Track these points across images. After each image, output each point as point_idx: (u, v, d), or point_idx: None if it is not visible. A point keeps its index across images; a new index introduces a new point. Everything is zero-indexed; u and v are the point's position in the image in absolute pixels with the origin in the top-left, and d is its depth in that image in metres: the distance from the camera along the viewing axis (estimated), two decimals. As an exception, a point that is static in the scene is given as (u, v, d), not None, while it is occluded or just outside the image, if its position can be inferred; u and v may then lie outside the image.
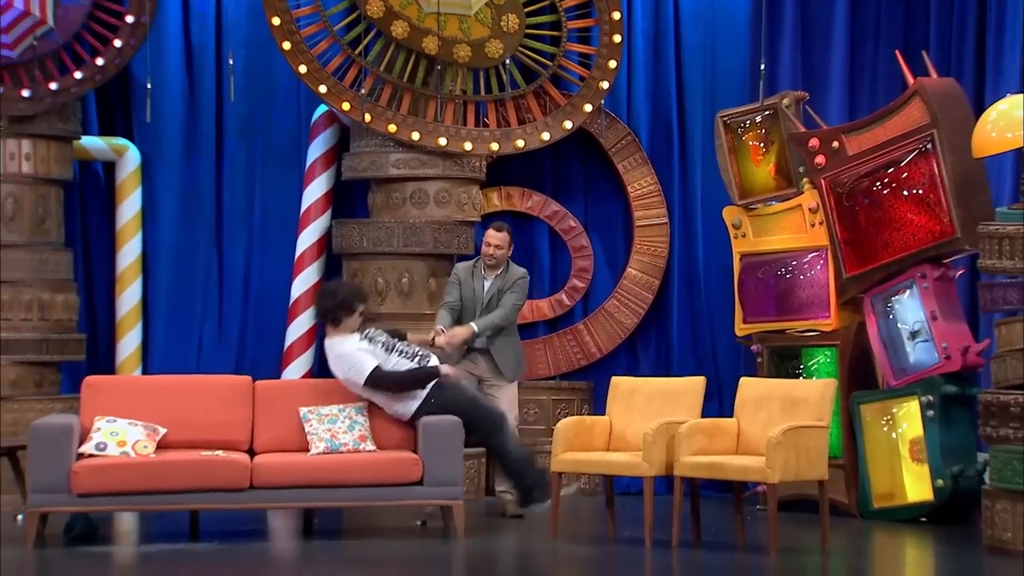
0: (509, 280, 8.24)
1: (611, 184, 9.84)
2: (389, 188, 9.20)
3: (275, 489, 7.24)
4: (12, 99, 8.69)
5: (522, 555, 7.06)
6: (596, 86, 9.32)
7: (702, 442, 7.09)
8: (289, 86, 9.65)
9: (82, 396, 7.61)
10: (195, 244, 9.65)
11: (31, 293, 8.79)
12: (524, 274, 8.30)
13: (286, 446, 7.53)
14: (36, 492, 7.06)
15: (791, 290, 8.56)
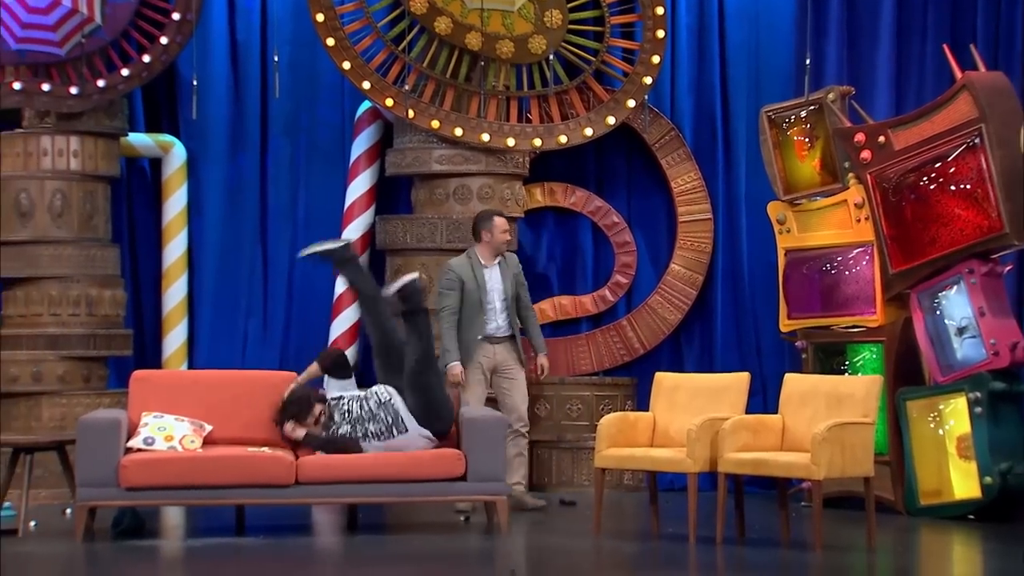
0: (513, 268, 8.34)
1: (654, 180, 9.82)
2: (432, 184, 9.22)
3: (320, 485, 7.28)
4: (60, 96, 8.78)
5: (565, 551, 7.05)
6: (639, 81, 9.30)
7: (746, 438, 7.06)
8: (333, 82, 9.69)
9: (130, 391, 7.68)
10: (240, 240, 9.71)
11: (79, 289, 8.87)
12: (517, 258, 8.47)
13: None
14: (84, 486, 7.13)
15: (836, 286, 8.52)
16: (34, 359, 8.74)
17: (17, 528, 7.31)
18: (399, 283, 7.62)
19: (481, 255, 8.26)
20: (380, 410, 7.41)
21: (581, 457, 9.25)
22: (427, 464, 7.32)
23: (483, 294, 8.16)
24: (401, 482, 7.29)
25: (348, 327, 9.51)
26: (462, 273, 8.20)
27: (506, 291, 8.26)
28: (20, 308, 8.86)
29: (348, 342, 9.50)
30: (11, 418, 8.73)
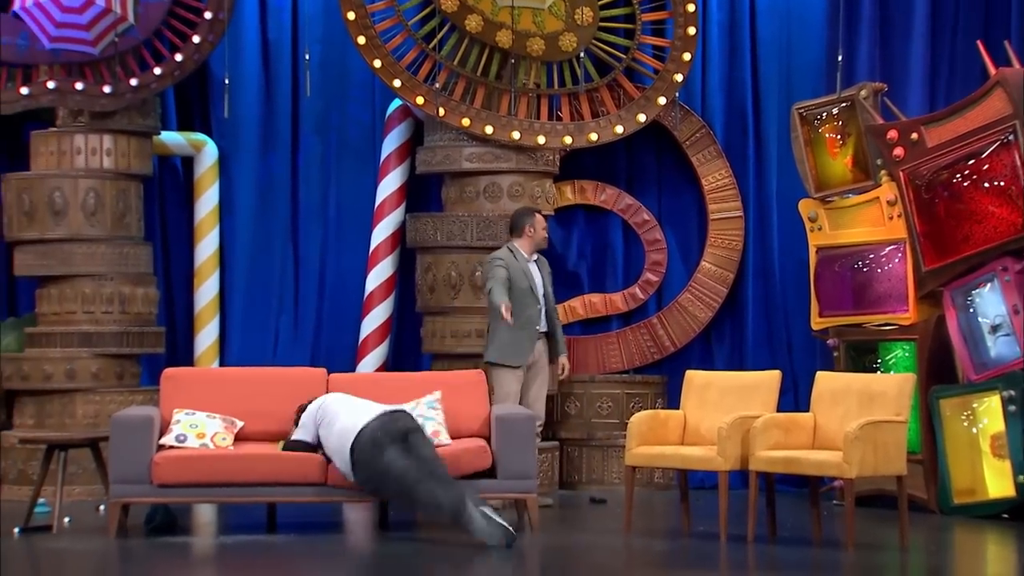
0: (546, 267, 8.46)
1: (685, 177, 9.79)
2: (463, 182, 9.22)
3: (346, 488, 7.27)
4: (93, 95, 8.83)
5: (596, 549, 7.05)
6: (670, 79, 9.28)
7: (778, 436, 7.04)
8: (364, 81, 9.71)
9: (161, 388, 7.72)
10: (271, 238, 9.75)
11: (112, 287, 8.92)
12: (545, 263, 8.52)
13: None
14: (117, 483, 7.17)
15: (868, 283, 8.47)
16: (68, 356, 8.80)
17: (52, 524, 7.36)
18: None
19: (522, 249, 8.31)
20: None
21: (611, 455, 9.25)
22: (455, 459, 7.32)
23: (529, 286, 8.21)
24: None
25: (379, 324, 9.53)
26: (508, 262, 8.28)
27: (544, 287, 8.38)
28: (54, 306, 8.92)
29: (379, 339, 9.52)
30: (45, 415, 8.80)
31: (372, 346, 9.53)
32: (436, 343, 9.17)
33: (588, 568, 6.65)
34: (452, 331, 9.10)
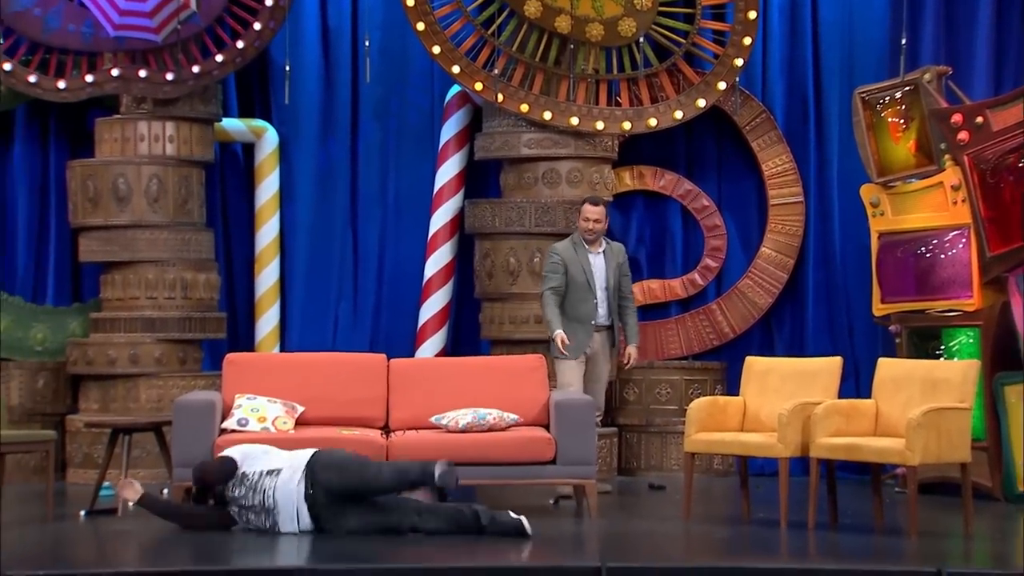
0: (618, 256, 8.19)
1: (745, 162, 9.74)
2: (521, 168, 9.22)
3: None
4: (156, 82, 8.91)
5: (655, 535, 7.03)
6: (730, 63, 9.22)
7: (839, 423, 6.98)
8: (423, 67, 9.73)
9: (224, 373, 7.79)
10: (331, 224, 9.80)
11: (174, 272, 9.01)
12: (623, 248, 8.34)
13: (420, 424, 7.61)
14: (180, 466, 7.24)
15: (932, 269, 8.38)
16: (131, 342, 8.90)
17: (116, 507, 7.46)
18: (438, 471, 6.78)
19: (583, 239, 8.18)
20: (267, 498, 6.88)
21: (670, 441, 9.23)
22: (518, 447, 7.34)
23: (587, 279, 8.07)
24: (491, 464, 7.31)
25: (438, 310, 9.56)
26: (566, 256, 8.11)
27: (607, 280, 8.14)
28: (118, 291, 9.03)
29: (438, 325, 9.55)
30: (109, 399, 8.91)
31: (431, 332, 9.56)
32: (495, 329, 9.18)
33: (648, 555, 6.63)
34: (511, 317, 9.11)
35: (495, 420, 7.42)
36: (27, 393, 9.04)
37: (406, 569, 5.78)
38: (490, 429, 7.41)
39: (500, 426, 7.43)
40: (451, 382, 7.76)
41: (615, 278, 8.17)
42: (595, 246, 8.17)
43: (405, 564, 5.85)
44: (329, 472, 6.64)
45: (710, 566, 6.08)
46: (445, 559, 6.01)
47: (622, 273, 8.22)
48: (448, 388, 7.72)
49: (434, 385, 7.75)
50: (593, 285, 8.10)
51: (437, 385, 7.75)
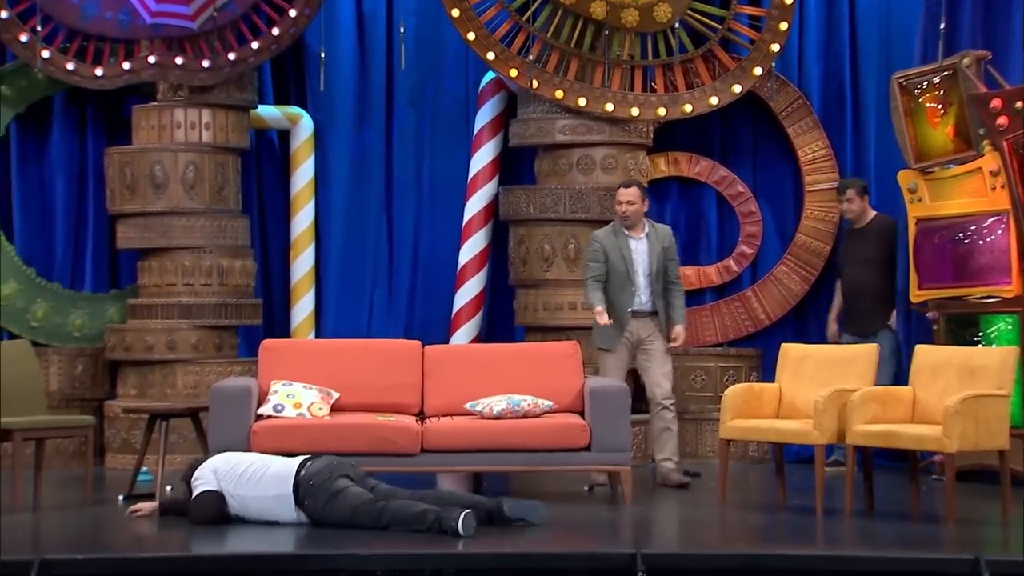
0: (663, 240, 8.00)
1: (781, 148, 9.69)
2: (556, 154, 9.21)
3: (445, 453, 7.31)
4: (193, 70, 8.95)
5: (690, 522, 7.03)
6: (766, 49, 9.17)
7: (875, 410, 6.95)
8: (457, 53, 9.73)
9: (260, 359, 7.82)
10: (366, 211, 9.82)
11: (211, 259, 9.06)
12: (670, 232, 8.17)
13: (454, 410, 7.63)
14: (217, 451, 7.26)
15: (970, 255, 8.32)
16: (168, 328, 8.96)
17: (154, 492, 7.51)
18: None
19: (621, 224, 8.03)
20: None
21: (705, 428, 9.22)
22: (552, 434, 7.34)
23: (628, 266, 7.93)
24: (525, 451, 7.32)
25: (472, 297, 9.58)
26: (606, 244, 7.98)
27: (650, 265, 7.95)
28: (155, 278, 9.08)
29: (472, 312, 9.57)
30: (147, 385, 8.97)
31: (465, 318, 9.57)
32: (529, 316, 9.19)
33: (683, 541, 6.64)
34: (545, 304, 9.11)
35: (529, 407, 7.43)
36: (66, 379, 9.12)
37: (437, 555, 5.79)
38: (524, 416, 7.41)
39: (534, 412, 7.44)
40: (486, 369, 7.76)
41: (659, 263, 7.96)
42: (636, 231, 7.97)
43: (436, 551, 5.87)
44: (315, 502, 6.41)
45: (745, 553, 6.07)
46: (478, 546, 6.02)
47: (668, 257, 7.95)
48: (483, 375, 7.73)
49: (469, 372, 7.75)
50: (633, 272, 7.95)
51: (472, 372, 7.75)
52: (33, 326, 9.25)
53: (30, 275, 9.32)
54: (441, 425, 7.44)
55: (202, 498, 6.57)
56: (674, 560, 5.79)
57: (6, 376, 7.31)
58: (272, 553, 5.95)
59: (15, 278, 9.25)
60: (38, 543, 6.44)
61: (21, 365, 7.47)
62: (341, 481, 6.46)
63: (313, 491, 6.44)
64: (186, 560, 5.84)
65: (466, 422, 7.45)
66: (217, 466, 6.68)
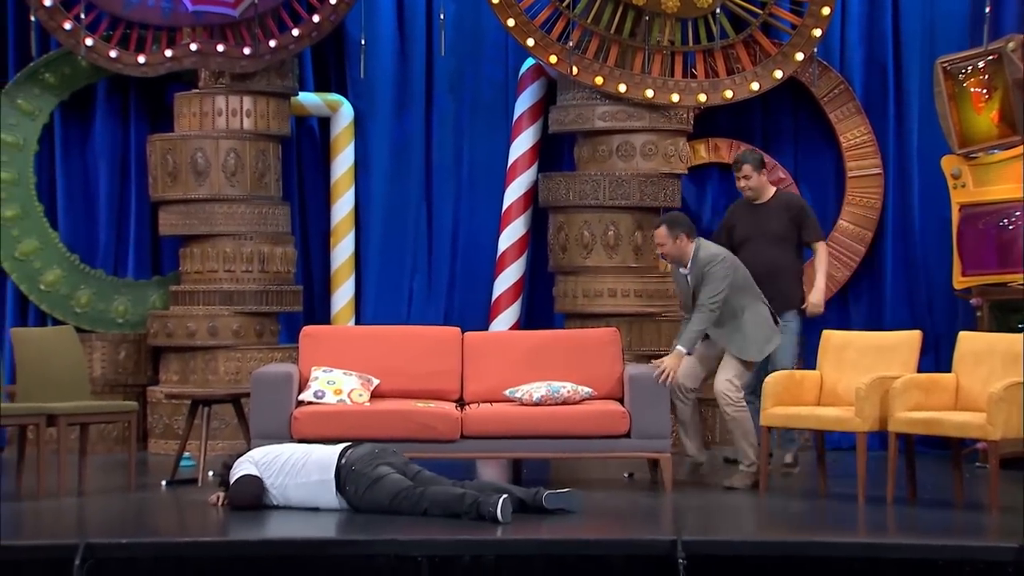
0: (699, 268, 7.58)
1: (822, 134, 9.63)
2: (595, 141, 9.19)
3: (485, 439, 7.33)
4: (234, 57, 8.99)
5: (730, 509, 7.01)
6: (808, 34, 9.10)
7: (918, 397, 6.91)
8: (497, 40, 9.72)
9: (300, 346, 7.86)
10: (405, 197, 9.83)
11: (252, 246, 9.10)
12: (712, 258, 7.56)
13: (494, 397, 7.63)
14: (258, 437, 7.31)
15: (1014, 241, 8.24)
16: (210, 314, 9.01)
17: (197, 477, 7.58)
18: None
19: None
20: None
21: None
22: (592, 420, 7.34)
23: (686, 296, 7.72)
24: (565, 438, 7.32)
25: (511, 284, 9.57)
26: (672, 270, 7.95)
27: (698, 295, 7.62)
28: (196, 264, 9.14)
29: (512, 298, 9.57)
30: (189, 371, 9.03)
31: (505, 305, 9.57)
32: (568, 303, 9.18)
33: (724, 528, 6.62)
34: (584, 290, 9.10)
35: (569, 393, 7.43)
36: (109, 365, 9.20)
37: (477, 541, 5.80)
38: (564, 402, 7.42)
39: (574, 399, 7.44)
40: (525, 355, 7.76)
41: (701, 288, 7.62)
42: (682, 266, 7.71)
43: (476, 537, 5.88)
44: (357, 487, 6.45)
45: (786, 540, 6.04)
46: (518, 532, 6.03)
47: (704, 283, 7.61)
48: (522, 361, 7.73)
49: (508, 358, 7.76)
50: (686, 304, 7.80)
51: (511, 358, 7.76)
52: (77, 312, 9.33)
53: (74, 262, 9.40)
54: (480, 412, 7.44)
55: (243, 481, 6.61)
56: (715, 547, 5.77)
57: (51, 362, 7.39)
58: (312, 538, 5.98)
59: (59, 265, 9.33)
60: (83, 527, 6.50)
61: (66, 351, 7.54)
62: (383, 468, 6.49)
63: (355, 476, 6.46)
64: (227, 544, 5.88)
65: (506, 408, 7.45)
66: (257, 458, 6.72)
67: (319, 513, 6.49)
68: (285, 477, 6.60)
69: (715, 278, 7.54)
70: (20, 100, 9.28)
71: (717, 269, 7.54)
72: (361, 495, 6.46)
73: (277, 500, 6.63)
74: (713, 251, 7.63)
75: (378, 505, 6.42)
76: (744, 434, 7.57)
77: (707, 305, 7.54)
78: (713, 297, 7.53)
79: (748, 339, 7.60)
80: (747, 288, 7.68)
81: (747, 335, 7.60)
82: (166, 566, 5.65)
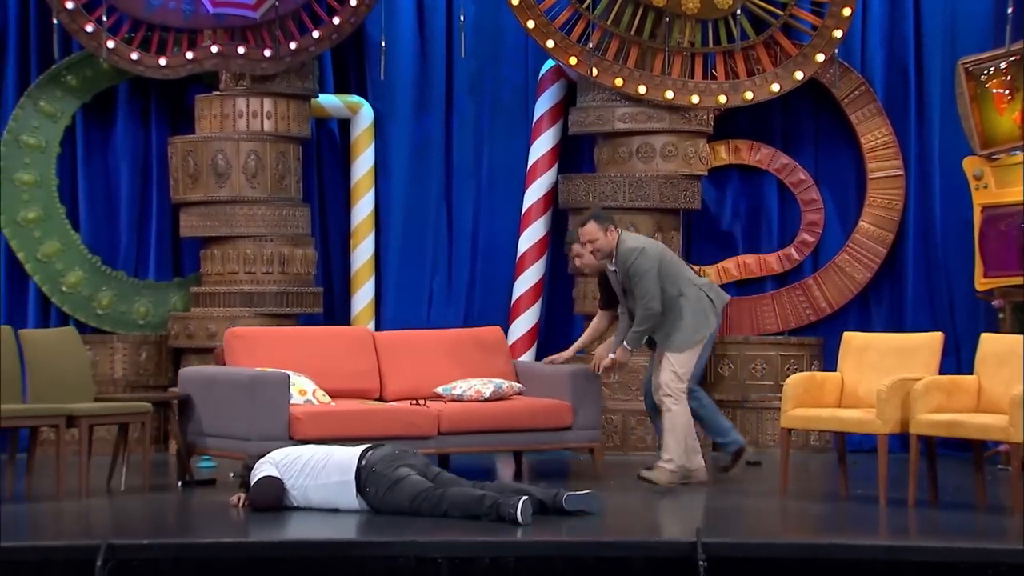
0: (622, 264, 7.27)
1: (843, 136, 9.60)
2: (615, 142, 9.18)
3: (458, 435, 7.61)
4: (254, 59, 9.01)
5: (751, 511, 6.99)
6: (829, 35, 9.08)
7: (939, 399, 6.87)
8: (517, 41, 9.72)
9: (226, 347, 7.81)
10: (426, 199, 9.84)
11: (272, 247, 9.12)
12: (631, 252, 7.23)
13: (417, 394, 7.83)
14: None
15: (1036, 243, 8.21)
16: (230, 316, 9.02)
17: (214, 478, 7.59)
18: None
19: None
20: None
21: (765, 417, 9.16)
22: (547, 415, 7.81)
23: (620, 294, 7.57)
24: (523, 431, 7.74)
25: (532, 285, 9.57)
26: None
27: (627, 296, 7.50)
28: (217, 266, 9.16)
29: (531, 300, 9.57)
30: (209, 372, 9.03)
31: (524, 307, 9.57)
32: (588, 304, 9.16)
33: (744, 530, 6.60)
34: (604, 292, 9.09)
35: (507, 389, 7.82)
36: (130, 366, 9.23)
37: (497, 543, 5.80)
38: (501, 398, 7.80)
39: (510, 394, 7.82)
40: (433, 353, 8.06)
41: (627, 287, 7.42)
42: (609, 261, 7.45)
43: (496, 539, 5.87)
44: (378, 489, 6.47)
45: (807, 542, 6.02)
46: (537, 534, 6.03)
47: (632, 282, 7.32)
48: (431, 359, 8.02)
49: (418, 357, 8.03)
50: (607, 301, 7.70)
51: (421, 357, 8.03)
52: (98, 314, 9.37)
53: (95, 263, 9.44)
54: (453, 408, 7.65)
55: (263, 483, 6.62)
56: (735, 549, 5.76)
57: (58, 363, 7.37)
58: (332, 539, 5.99)
59: (81, 266, 9.37)
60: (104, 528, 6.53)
61: (71, 352, 7.52)
62: (403, 469, 6.49)
63: (375, 478, 6.47)
64: (249, 546, 5.89)
65: (479, 405, 7.71)
66: (277, 459, 6.72)
67: (339, 514, 6.49)
68: (306, 478, 6.61)
69: (640, 272, 7.24)
70: (42, 102, 9.33)
71: (640, 263, 7.24)
72: (381, 496, 6.47)
73: (297, 501, 6.64)
74: (630, 245, 7.34)
75: (398, 506, 6.43)
76: (673, 428, 7.27)
77: (642, 307, 7.25)
78: (646, 298, 7.23)
79: (682, 330, 7.35)
80: (676, 274, 7.39)
81: (681, 327, 7.35)
82: (187, 567, 5.66)
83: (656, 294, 7.29)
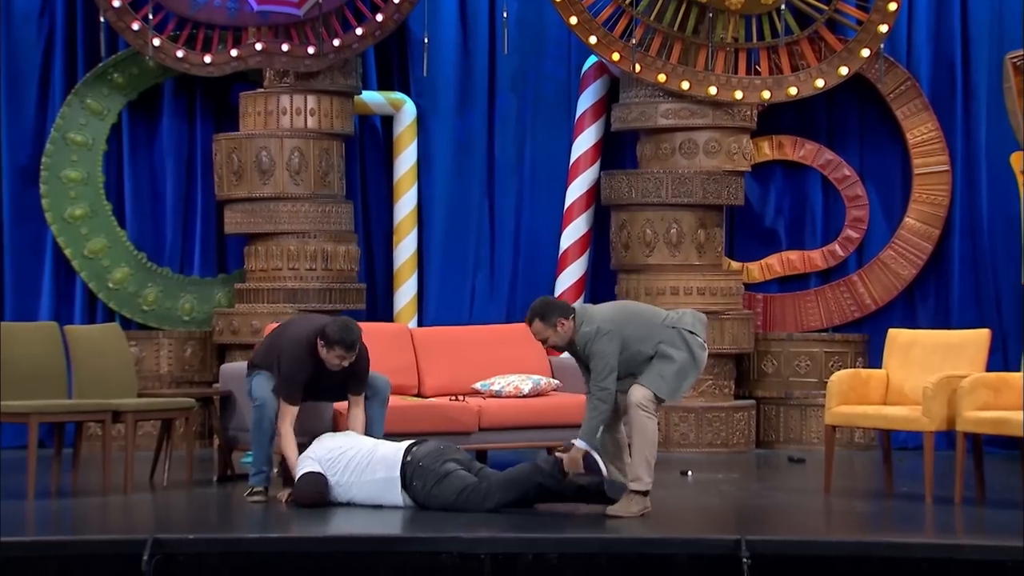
0: (581, 346, 6.47)
1: (888, 131, 9.53)
2: (658, 138, 9.16)
3: (498, 431, 7.58)
4: (298, 56, 9.05)
5: (795, 508, 6.96)
6: (874, 30, 9.01)
7: (986, 397, 6.81)
8: (560, 37, 9.71)
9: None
10: (468, 195, 9.85)
11: (315, 244, 9.16)
12: (587, 337, 6.40)
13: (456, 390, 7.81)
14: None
15: (1085, 239, 8.12)
16: (274, 312, 9.06)
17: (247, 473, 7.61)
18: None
19: None
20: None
21: (809, 414, 9.12)
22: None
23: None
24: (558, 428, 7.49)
25: (574, 281, 9.56)
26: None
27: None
28: (261, 263, 9.21)
29: (574, 297, 9.56)
30: (253, 367, 9.07)
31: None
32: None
33: (788, 528, 6.57)
34: (646, 288, 9.08)
35: (544, 385, 7.75)
36: (176, 362, 9.30)
37: (540, 539, 5.80)
38: (539, 394, 7.73)
39: (547, 390, 7.77)
40: (471, 350, 8.00)
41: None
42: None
43: (539, 535, 5.88)
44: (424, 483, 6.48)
45: (852, 540, 5.99)
46: (580, 531, 6.02)
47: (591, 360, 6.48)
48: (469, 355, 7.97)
49: (456, 353, 7.99)
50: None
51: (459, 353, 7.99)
52: (144, 310, 9.45)
53: (141, 260, 9.52)
54: (493, 404, 7.63)
55: (307, 479, 6.65)
56: (779, 547, 5.73)
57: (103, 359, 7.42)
58: (377, 535, 6.01)
59: (127, 263, 9.45)
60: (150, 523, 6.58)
61: (115, 348, 7.56)
62: (449, 464, 6.51)
63: (421, 472, 6.49)
64: (293, 541, 5.93)
65: (518, 401, 7.67)
66: (320, 455, 6.73)
67: (383, 510, 6.52)
68: (350, 475, 6.63)
69: (597, 356, 6.41)
70: (89, 100, 9.41)
71: (596, 348, 6.41)
72: (428, 491, 6.48)
73: (341, 498, 6.67)
74: (586, 329, 6.45)
75: (444, 501, 6.44)
76: (645, 445, 6.42)
77: (595, 393, 6.40)
78: (600, 380, 6.39)
79: (663, 377, 6.46)
80: (647, 333, 6.49)
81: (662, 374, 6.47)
82: (233, 561, 5.70)
83: (611, 381, 6.41)
